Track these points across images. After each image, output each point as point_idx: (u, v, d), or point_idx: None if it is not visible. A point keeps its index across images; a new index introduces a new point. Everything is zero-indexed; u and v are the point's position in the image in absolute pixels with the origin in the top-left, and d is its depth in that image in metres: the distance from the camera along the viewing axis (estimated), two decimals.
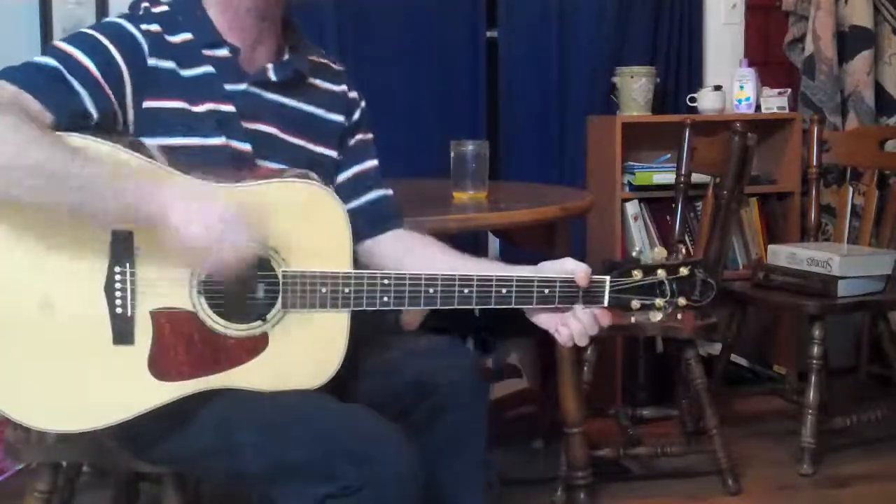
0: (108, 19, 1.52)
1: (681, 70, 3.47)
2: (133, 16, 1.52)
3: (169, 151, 1.46)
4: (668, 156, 3.28)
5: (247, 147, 1.53)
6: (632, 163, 3.30)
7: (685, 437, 2.85)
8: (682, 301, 1.50)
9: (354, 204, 1.66)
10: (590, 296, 1.50)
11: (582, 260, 1.53)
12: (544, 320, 1.54)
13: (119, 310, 1.39)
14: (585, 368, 2.54)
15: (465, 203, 2.30)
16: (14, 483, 2.50)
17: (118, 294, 1.39)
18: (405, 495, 1.37)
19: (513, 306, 1.49)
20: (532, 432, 2.89)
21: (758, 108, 3.38)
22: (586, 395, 2.52)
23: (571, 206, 2.25)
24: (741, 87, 3.38)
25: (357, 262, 1.63)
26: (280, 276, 1.43)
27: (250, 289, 1.43)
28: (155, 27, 1.50)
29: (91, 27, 1.49)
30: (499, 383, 3.06)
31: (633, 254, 1.51)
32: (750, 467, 2.73)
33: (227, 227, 1.34)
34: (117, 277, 1.39)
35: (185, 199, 1.34)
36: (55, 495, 1.79)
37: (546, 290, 1.48)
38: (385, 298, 1.45)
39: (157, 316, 1.40)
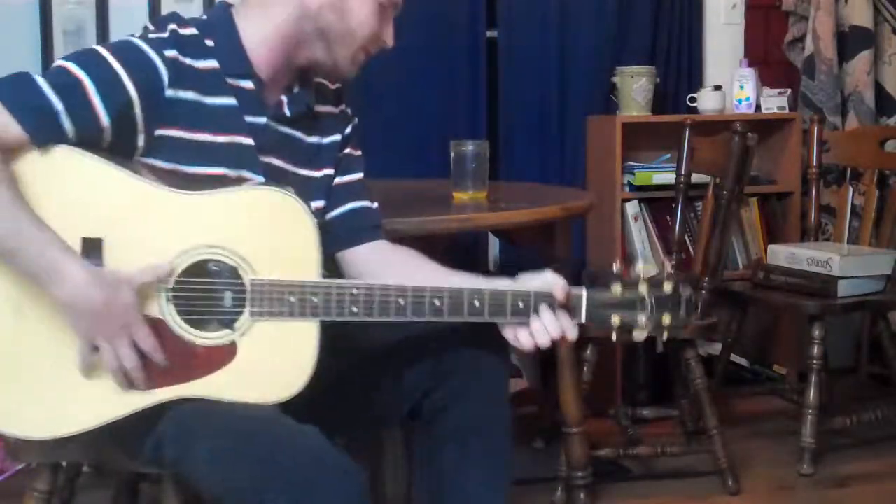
0: (129, 39, 1.47)
1: (681, 70, 3.47)
2: (157, 40, 1.47)
3: (179, 176, 1.46)
4: (668, 156, 3.28)
5: (260, 180, 1.52)
6: (632, 163, 3.30)
7: (685, 437, 2.84)
8: (666, 319, 1.45)
9: (335, 213, 1.65)
10: (564, 311, 1.47)
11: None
12: (507, 334, 1.51)
13: None
14: (585, 368, 2.54)
15: (465, 203, 2.30)
16: (14, 483, 2.50)
17: None
18: None
19: (486, 319, 1.46)
20: (532, 432, 2.89)
21: (758, 108, 3.38)
22: (586, 395, 2.52)
23: (571, 206, 2.25)
24: (741, 87, 3.38)
25: (337, 274, 1.64)
26: (248, 285, 1.42)
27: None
28: (175, 53, 1.46)
29: (109, 48, 1.45)
30: None
31: (614, 268, 1.46)
32: (750, 467, 2.73)
33: (123, 342, 1.37)
34: None
35: (99, 312, 1.35)
36: (55, 495, 1.79)
37: (520, 303, 1.46)
38: (354, 308, 1.43)
39: None
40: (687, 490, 2.61)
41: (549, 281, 1.48)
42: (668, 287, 1.45)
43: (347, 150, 1.69)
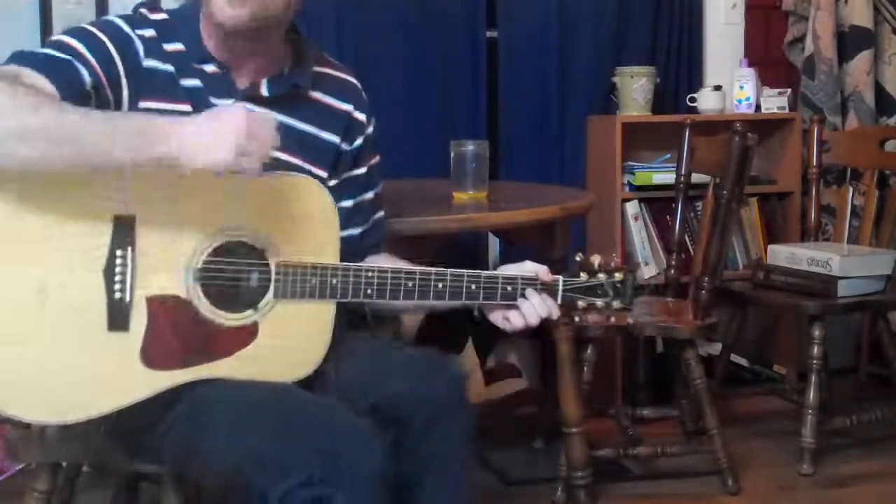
0: (104, 18, 1.56)
1: (681, 70, 3.47)
2: (131, 18, 1.55)
3: None
4: (668, 156, 3.28)
5: (290, 172, 1.54)
6: (632, 163, 3.30)
7: (685, 437, 2.84)
8: (616, 304, 1.64)
9: (345, 234, 1.62)
10: (547, 293, 1.60)
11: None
12: (494, 317, 1.62)
13: (118, 294, 1.40)
14: (585, 368, 2.54)
15: (465, 203, 2.30)
16: (14, 483, 2.50)
17: (118, 278, 1.40)
18: (370, 490, 1.36)
19: (480, 301, 1.58)
20: (532, 432, 2.89)
21: (758, 108, 3.38)
22: (586, 395, 2.52)
23: (571, 206, 2.25)
24: (741, 87, 3.38)
25: None
26: (273, 266, 1.46)
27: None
28: (150, 32, 1.53)
29: (87, 24, 1.51)
30: (499, 383, 3.07)
31: (577, 259, 1.64)
32: (750, 467, 2.72)
33: (250, 146, 1.34)
34: (118, 261, 1.40)
35: (209, 129, 1.34)
36: (55, 495, 1.79)
37: (509, 287, 1.57)
38: (369, 291, 1.51)
39: (152, 302, 1.41)
40: (687, 490, 2.61)
41: (530, 268, 1.61)
42: (618, 276, 1.64)
43: (362, 169, 1.69)
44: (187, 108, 1.51)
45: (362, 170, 1.69)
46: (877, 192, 3.09)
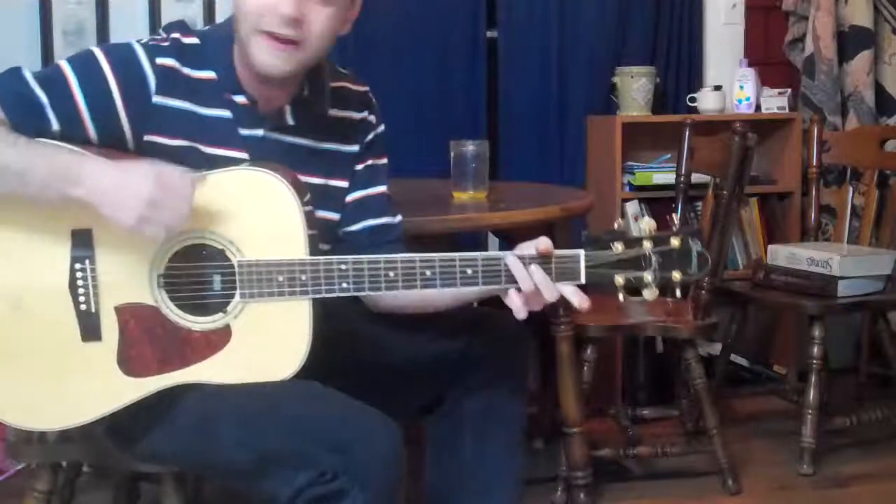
0: (127, 42, 1.48)
1: (681, 70, 3.47)
2: (154, 46, 1.48)
3: None
4: (668, 156, 3.27)
5: (244, 167, 1.50)
6: (632, 163, 3.30)
7: (685, 437, 2.84)
8: (676, 275, 1.39)
9: (354, 227, 1.64)
10: (565, 272, 1.42)
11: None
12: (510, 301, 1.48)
13: (83, 307, 1.41)
14: (585, 368, 2.54)
15: (465, 203, 2.30)
16: (14, 483, 2.50)
17: (81, 291, 1.41)
18: (386, 480, 1.37)
19: (480, 286, 1.44)
20: (532, 432, 2.89)
21: (758, 108, 3.38)
22: (586, 395, 2.52)
23: (571, 206, 2.25)
24: (741, 87, 3.38)
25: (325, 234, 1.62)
26: (236, 266, 1.42)
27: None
28: (171, 62, 1.46)
29: (104, 49, 1.46)
30: None
31: (615, 225, 1.41)
32: (750, 467, 2.73)
33: (154, 216, 1.34)
34: (79, 275, 1.41)
35: (115, 187, 1.34)
36: (55, 495, 1.79)
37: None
38: (344, 284, 1.43)
39: (121, 311, 1.41)
40: (687, 490, 2.61)
41: (539, 244, 1.45)
42: (675, 241, 1.39)
43: (370, 162, 1.66)
44: (196, 145, 1.48)
45: (368, 162, 1.67)
46: (877, 192, 3.09)
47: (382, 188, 1.67)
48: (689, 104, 3.40)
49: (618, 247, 1.40)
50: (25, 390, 1.42)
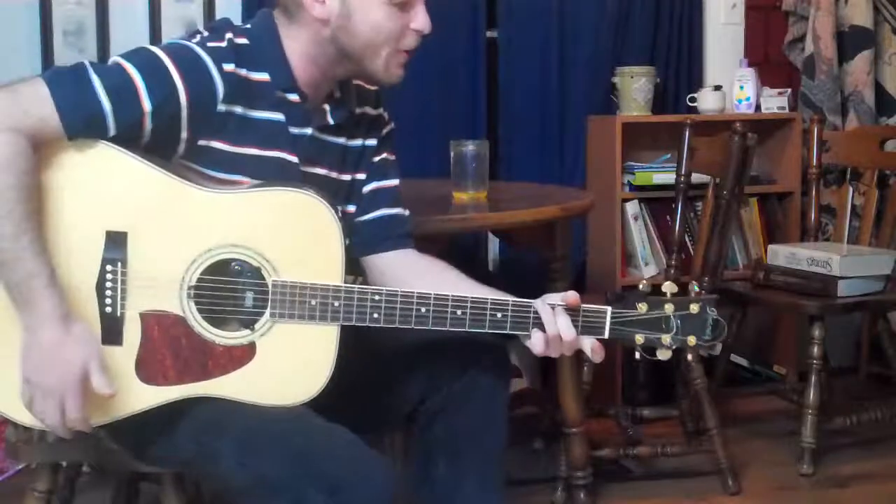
0: (190, 46, 1.44)
1: (681, 70, 3.47)
2: (216, 49, 1.45)
3: (216, 181, 1.46)
4: (668, 156, 3.28)
5: (291, 187, 1.50)
6: (632, 163, 3.30)
7: (685, 437, 2.84)
8: (691, 339, 1.46)
9: (366, 217, 1.65)
10: (590, 326, 1.46)
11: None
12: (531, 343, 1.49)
13: (108, 309, 1.40)
14: (585, 368, 2.54)
15: (465, 203, 2.30)
16: (14, 483, 2.50)
17: (108, 293, 1.39)
18: None
19: (507, 331, 1.46)
20: (532, 432, 2.89)
21: (758, 108, 3.38)
22: (586, 395, 2.52)
23: (571, 206, 2.25)
24: (741, 87, 3.38)
25: (365, 277, 1.63)
26: (270, 286, 1.42)
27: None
28: (234, 67, 1.45)
29: (169, 52, 1.42)
30: None
31: (640, 287, 1.46)
32: (750, 467, 2.73)
33: (44, 402, 1.34)
34: (108, 276, 1.39)
35: (40, 349, 1.33)
36: (55, 495, 1.79)
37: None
38: (375, 315, 1.43)
39: (146, 318, 1.40)
40: (687, 490, 2.61)
41: (568, 297, 1.47)
42: (694, 308, 1.46)
43: (384, 155, 1.68)
44: (254, 150, 1.47)
45: (384, 156, 1.68)
46: (877, 192, 3.09)
47: (396, 181, 1.69)
48: (689, 104, 3.40)
49: (641, 307, 1.45)
50: None
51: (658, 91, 3.35)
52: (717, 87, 3.37)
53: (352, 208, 1.63)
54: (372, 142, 1.65)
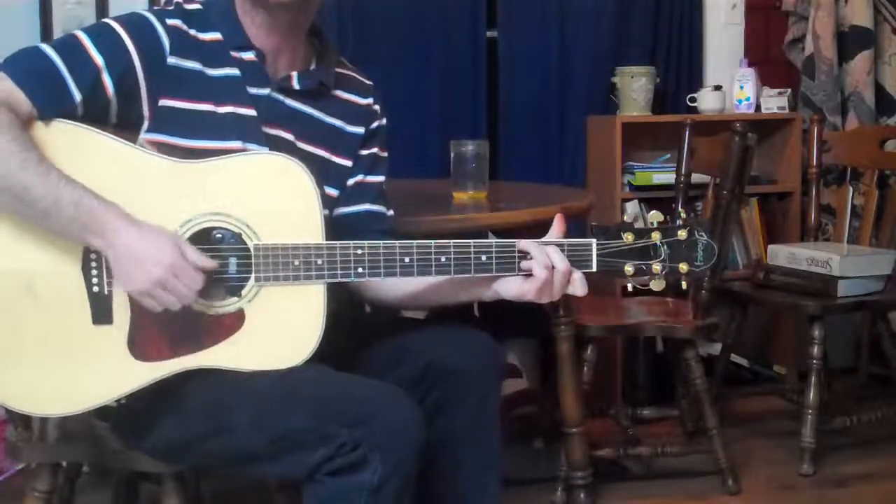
0: (135, 11, 1.52)
1: (681, 70, 3.47)
2: (160, 10, 1.52)
3: (182, 153, 1.47)
4: (668, 156, 3.28)
5: (263, 150, 1.52)
6: (632, 163, 3.30)
7: (685, 437, 2.85)
8: (683, 266, 1.43)
9: (347, 210, 1.65)
10: (576, 260, 1.46)
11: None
12: (515, 288, 1.49)
13: (96, 288, 1.41)
14: (585, 368, 2.54)
15: (465, 203, 2.30)
16: (14, 483, 2.50)
17: (94, 273, 1.41)
18: (407, 448, 1.37)
19: (494, 272, 1.46)
20: (532, 432, 2.89)
21: (758, 108, 3.38)
22: (586, 395, 2.52)
23: (571, 206, 2.25)
24: (741, 87, 3.38)
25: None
26: (252, 250, 1.43)
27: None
28: (179, 23, 1.50)
29: (115, 18, 1.49)
30: None
31: (625, 217, 1.44)
32: (750, 467, 2.73)
33: (158, 295, 1.37)
34: (92, 256, 1.41)
35: (130, 254, 1.36)
36: (55, 495, 1.79)
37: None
38: (360, 269, 1.44)
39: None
40: (687, 490, 2.61)
41: (552, 228, 1.49)
42: (682, 233, 1.43)
43: (374, 150, 1.69)
44: (209, 106, 1.50)
45: (373, 150, 1.69)
46: (877, 192, 3.09)
47: (381, 178, 1.70)
48: (689, 104, 3.40)
49: (628, 237, 1.44)
50: (35, 374, 1.41)
51: (658, 91, 3.35)
52: (717, 87, 3.37)
53: (332, 191, 1.63)
54: (357, 129, 1.66)
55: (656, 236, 1.43)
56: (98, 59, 1.43)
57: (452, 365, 1.57)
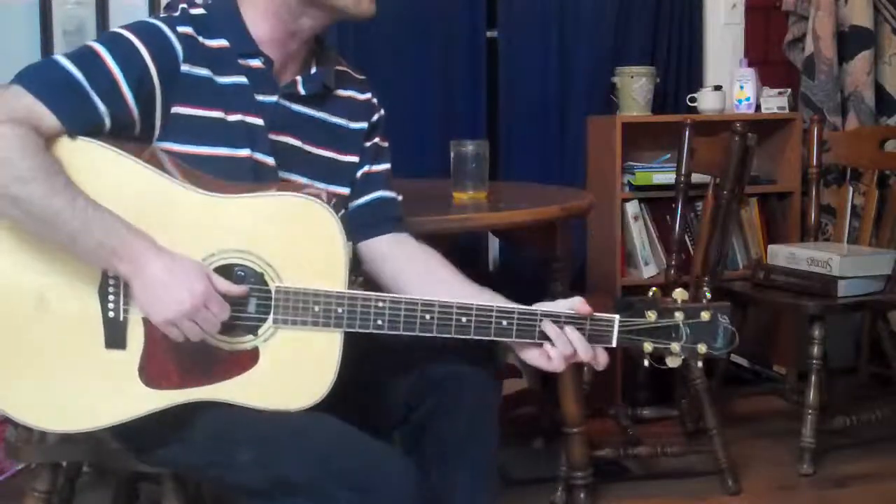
0: (145, 20, 1.51)
1: (681, 70, 3.47)
2: (170, 17, 1.50)
3: (192, 160, 1.46)
4: (668, 156, 3.28)
5: (269, 160, 1.52)
6: (632, 163, 3.30)
7: (685, 437, 2.85)
8: (702, 348, 1.43)
9: (360, 201, 1.65)
10: (597, 335, 1.46)
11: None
12: (530, 356, 1.51)
13: (111, 314, 1.40)
14: (585, 368, 2.54)
15: (465, 203, 2.30)
16: (14, 483, 2.50)
17: (111, 298, 1.39)
18: None
19: (512, 339, 1.46)
20: (532, 432, 2.89)
21: (758, 108, 3.38)
22: (586, 395, 2.52)
23: (571, 206, 2.25)
24: (741, 87, 3.38)
25: (358, 264, 1.63)
26: (273, 292, 1.41)
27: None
28: (190, 30, 1.48)
29: (127, 27, 1.47)
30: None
31: (650, 294, 1.44)
32: (750, 467, 2.73)
33: (184, 324, 1.36)
34: (111, 281, 1.39)
35: (160, 283, 1.35)
36: (55, 495, 1.79)
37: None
38: (379, 321, 1.43)
39: (149, 322, 1.39)
40: (687, 490, 2.61)
41: (575, 303, 1.47)
42: (705, 315, 1.44)
43: (376, 140, 1.69)
44: (219, 114, 1.48)
45: (375, 140, 1.69)
46: (877, 192, 3.09)
47: (388, 165, 1.71)
48: (689, 104, 3.40)
49: (650, 315, 1.43)
50: (38, 388, 1.40)
51: (658, 91, 3.35)
52: (717, 87, 3.37)
53: (342, 189, 1.63)
54: (361, 125, 1.66)
55: (679, 317, 1.43)
56: (115, 70, 1.40)
57: (451, 372, 1.56)
